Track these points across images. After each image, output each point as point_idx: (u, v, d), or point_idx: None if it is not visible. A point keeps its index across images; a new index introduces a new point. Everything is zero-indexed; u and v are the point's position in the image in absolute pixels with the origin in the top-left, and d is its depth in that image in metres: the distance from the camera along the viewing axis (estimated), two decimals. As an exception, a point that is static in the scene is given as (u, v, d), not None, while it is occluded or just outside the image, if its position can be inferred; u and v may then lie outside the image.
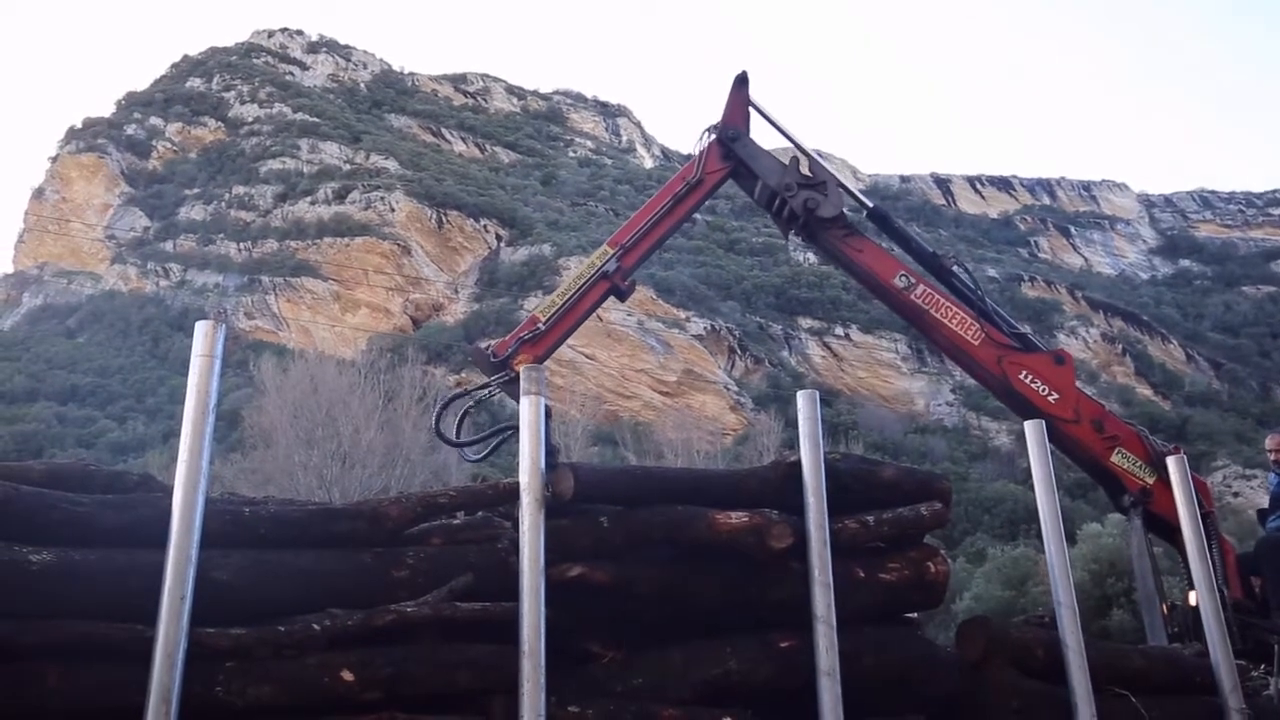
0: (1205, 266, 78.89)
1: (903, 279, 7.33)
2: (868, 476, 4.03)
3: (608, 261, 6.91)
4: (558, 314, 6.72)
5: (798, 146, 7.57)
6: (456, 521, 3.56)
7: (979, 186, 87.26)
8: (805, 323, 54.78)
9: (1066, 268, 74.53)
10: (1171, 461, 4.37)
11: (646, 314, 48.99)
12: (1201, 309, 69.50)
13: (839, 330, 54.34)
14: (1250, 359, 61.15)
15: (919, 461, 39.40)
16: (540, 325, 6.62)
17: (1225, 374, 58.96)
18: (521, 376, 3.54)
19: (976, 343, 7.19)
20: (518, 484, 3.33)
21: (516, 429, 5.79)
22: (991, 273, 65.68)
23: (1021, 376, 7.14)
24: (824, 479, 3.65)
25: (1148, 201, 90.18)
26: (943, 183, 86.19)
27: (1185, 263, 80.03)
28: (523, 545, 3.18)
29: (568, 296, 6.78)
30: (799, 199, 7.35)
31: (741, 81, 7.59)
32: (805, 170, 7.51)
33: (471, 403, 6.77)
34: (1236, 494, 36.67)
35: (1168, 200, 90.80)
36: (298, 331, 53.29)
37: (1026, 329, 7.73)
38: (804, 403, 3.78)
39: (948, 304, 7.26)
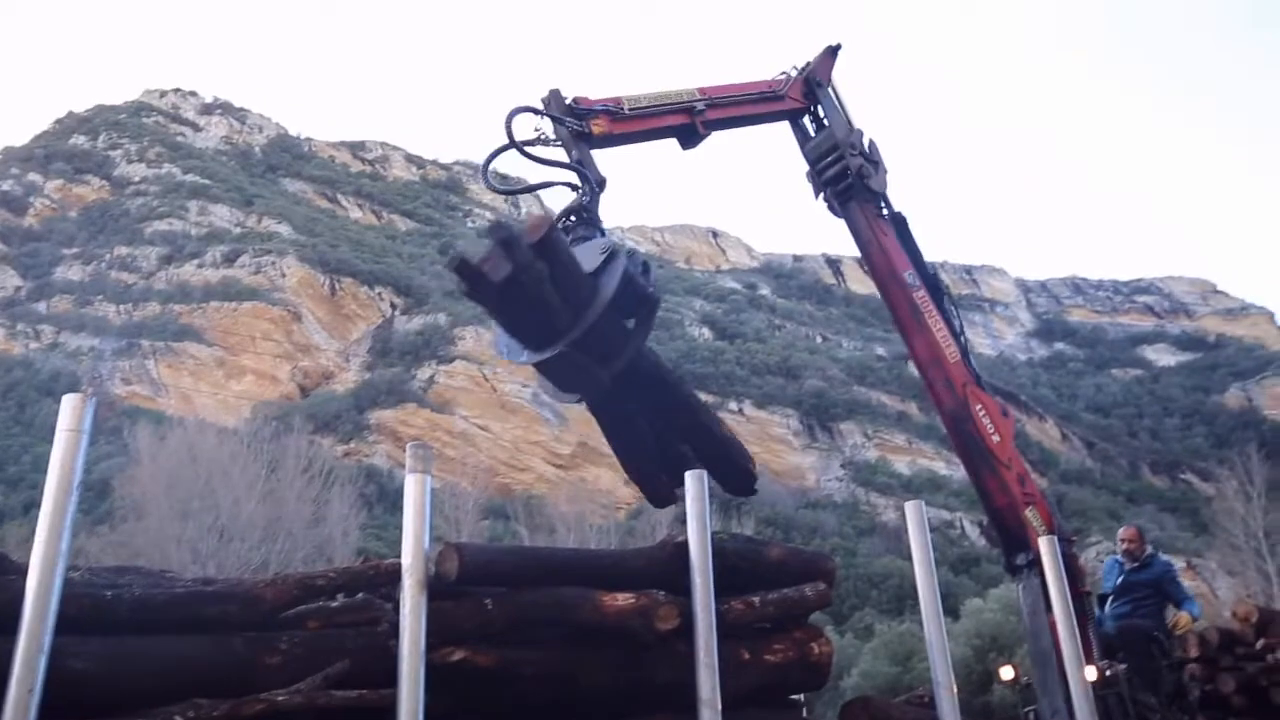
0: (1078, 349, 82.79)
1: (911, 276, 7.70)
2: (754, 556, 4.07)
3: (696, 101, 6.75)
4: (641, 111, 6.42)
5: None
6: (335, 604, 3.44)
7: (865, 269, 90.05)
8: (701, 397, 55.35)
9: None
10: (1042, 542, 4.52)
11: (541, 385, 48.87)
12: (1075, 390, 72.72)
13: (733, 405, 55.03)
14: (1120, 439, 64.10)
15: (809, 536, 39.92)
16: (625, 109, 6.31)
17: (1097, 453, 61.63)
18: (408, 454, 3.47)
19: (953, 360, 7.55)
20: (399, 564, 3.26)
21: (558, 183, 5.73)
22: (880, 351, 67.67)
23: (977, 408, 7.49)
24: (711, 559, 3.67)
25: (1025, 286, 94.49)
26: (834, 263, 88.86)
27: (1060, 345, 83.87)
28: (403, 629, 3.09)
29: (654, 104, 6.53)
30: (856, 161, 7.70)
31: (833, 51, 7.98)
32: (866, 146, 7.88)
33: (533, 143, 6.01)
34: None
35: (1043, 285, 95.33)
36: (178, 398, 51.35)
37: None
38: (692, 483, 3.80)
39: (938, 316, 7.65)
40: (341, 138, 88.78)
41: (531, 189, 6.39)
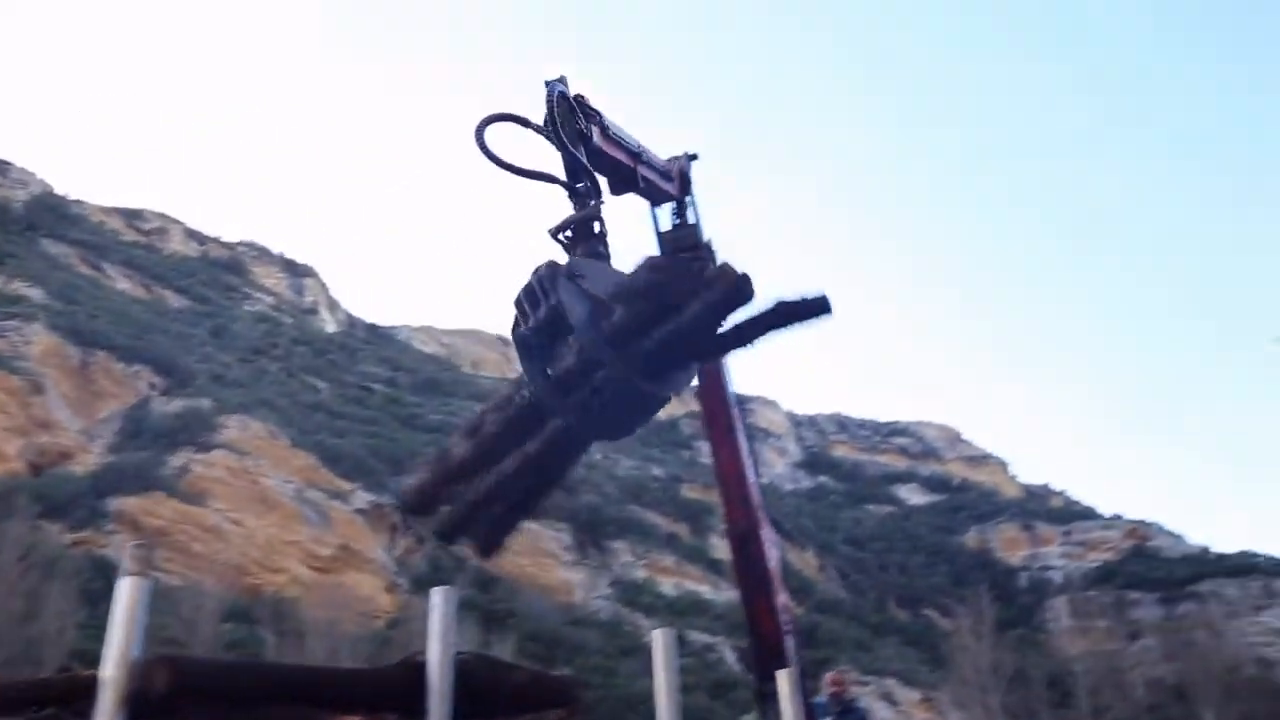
0: (840, 483, 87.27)
1: (733, 388, 7.74)
2: (498, 679, 3.94)
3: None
4: (613, 135, 5.65)
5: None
6: (17, 722, 3.05)
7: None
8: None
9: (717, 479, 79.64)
10: (779, 675, 4.63)
11: (307, 482, 46.54)
12: (834, 522, 76.29)
13: (506, 516, 54.23)
14: (872, 571, 67.47)
15: (573, 654, 39.38)
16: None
17: (850, 584, 64.55)
18: (126, 555, 3.19)
19: (751, 480, 7.67)
20: (98, 677, 2.94)
21: (560, 181, 4.89)
22: (657, 472, 68.91)
23: (764, 531, 7.63)
24: (451, 681, 3.52)
25: (795, 420, 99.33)
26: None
27: (823, 478, 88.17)
28: (93, 752, 2.78)
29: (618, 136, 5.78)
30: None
31: (691, 158, 7.76)
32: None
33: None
34: (854, 698, 39.41)
35: (812, 420, 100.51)
36: (-118, 467, 45.42)
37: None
38: (438, 599, 3.67)
39: (743, 435, 7.73)
40: (117, 203, 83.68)
41: (538, 176, 5.30)
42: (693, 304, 4.08)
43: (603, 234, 4.92)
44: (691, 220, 7.69)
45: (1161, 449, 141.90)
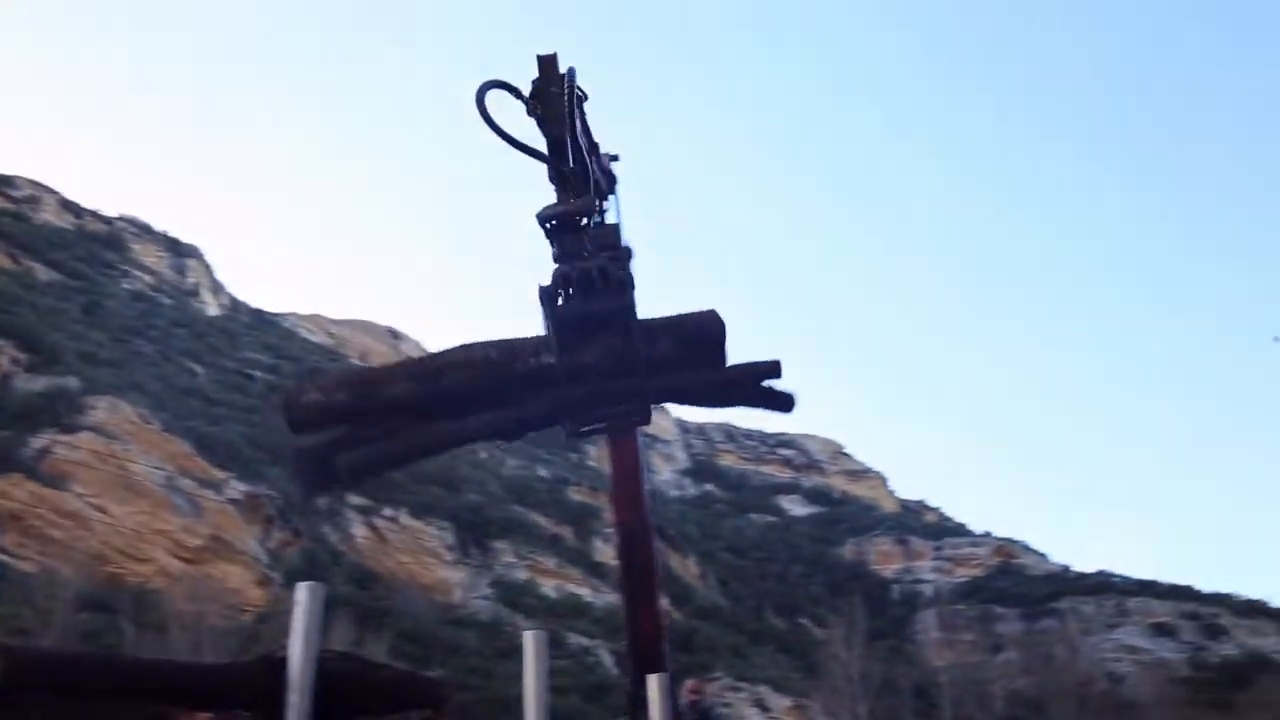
0: (725, 492, 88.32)
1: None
2: (363, 678, 3.83)
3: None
4: None
5: None
6: None
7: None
8: (354, 500, 53.09)
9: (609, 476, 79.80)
10: (650, 679, 4.62)
11: (179, 469, 44.79)
12: (718, 530, 77.13)
13: (388, 511, 53.23)
14: (751, 580, 68.48)
15: (450, 654, 38.85)
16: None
17: (729, 592, 65.40)
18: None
19: (645, 482, 7.65)
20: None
21: (550, 161, 4.60)
22: (543, 473, 68.64)
23: (653, 531, 7.59)
24: (312, 679, 3.39)
25: (684, 427, 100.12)
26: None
27: (709, 486, 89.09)
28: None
29: None
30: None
31: None
32: None
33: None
34: (728, 704, 39.92)
35: (700, 429, 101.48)
36: None
37: None
38: (304, 595, 3.54)
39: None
40: (-14, 168, 79.02)
41: (531, 152, 4.92)
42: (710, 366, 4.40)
43: (588, 228, 4.78)
44: (612, 220, 7.66)
45: (1032, 470, 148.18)
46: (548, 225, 4.76)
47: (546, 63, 4.80)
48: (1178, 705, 43.00)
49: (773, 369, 4.43)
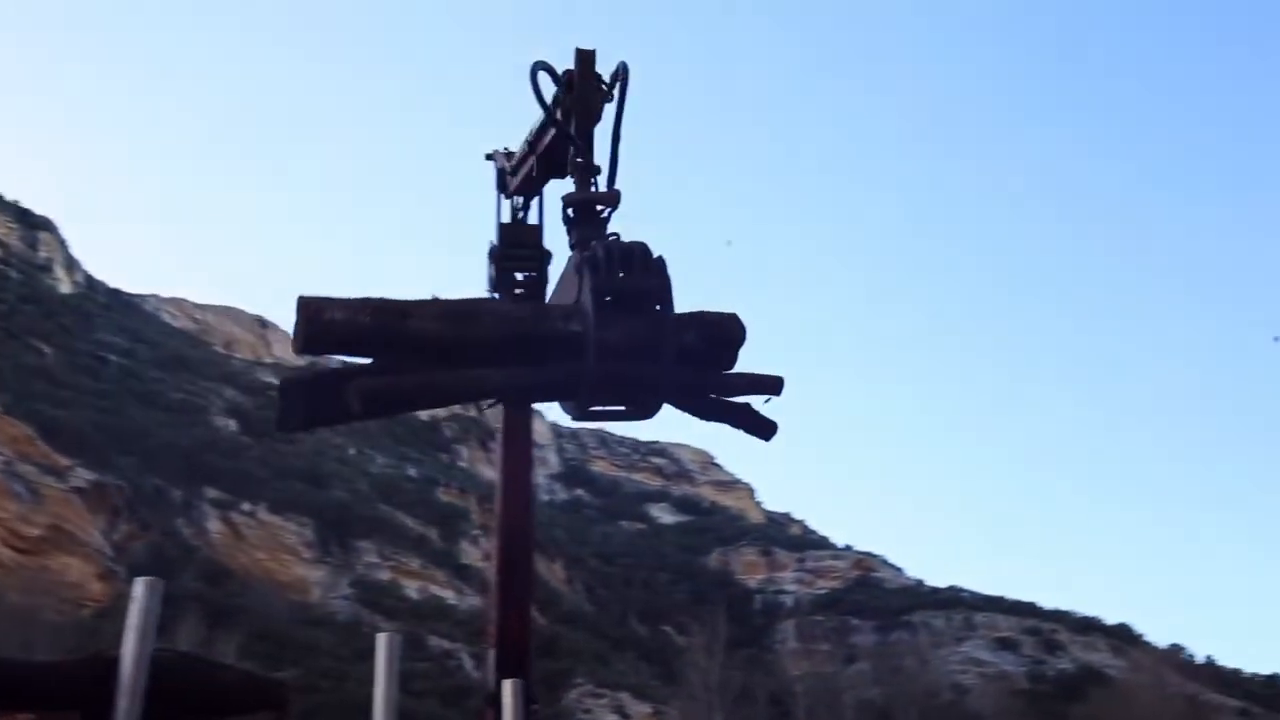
0: (595, 498, 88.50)
1: None
2: (202, 678, 3.68)
3: None
4: None
5: None
6: None
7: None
8: (211, 493, 51.08)
9: (481, 479, 79.04)
10: (505, 685, 4.58)
11: (19, 454, 42.29)
12: (587, 536, 77.21)
13: (246, 506, 51.43)
14: (617, 587, 68.76)
15: (303, 655, 37.72)
16: None
17: (596, 598, 65.52)
18: None
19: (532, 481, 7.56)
20: None
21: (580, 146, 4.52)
22: (411, 472, 67.48)
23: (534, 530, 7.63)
24: (145, 679, 3.24)
25: (558, 431, 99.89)
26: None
27: (580, 492, 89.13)
28: None
29: None
30: None
31: None
32: None
33: None
34: (588, 710, 40.00)
35: (574, 433, 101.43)
36: None
37: None
38: (141, 590, 3.38)
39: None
40: None
41: (568, 136, 4.91)
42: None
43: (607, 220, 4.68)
44: (533, 221, 7.58)
45: (894, 485, 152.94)
46: (569, 212, 4.73)
47: (584, 57, 4.83)
48: (1016, 716, 45.12)
49: (776, 385, 4.42)
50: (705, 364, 4.45)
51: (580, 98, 4.74)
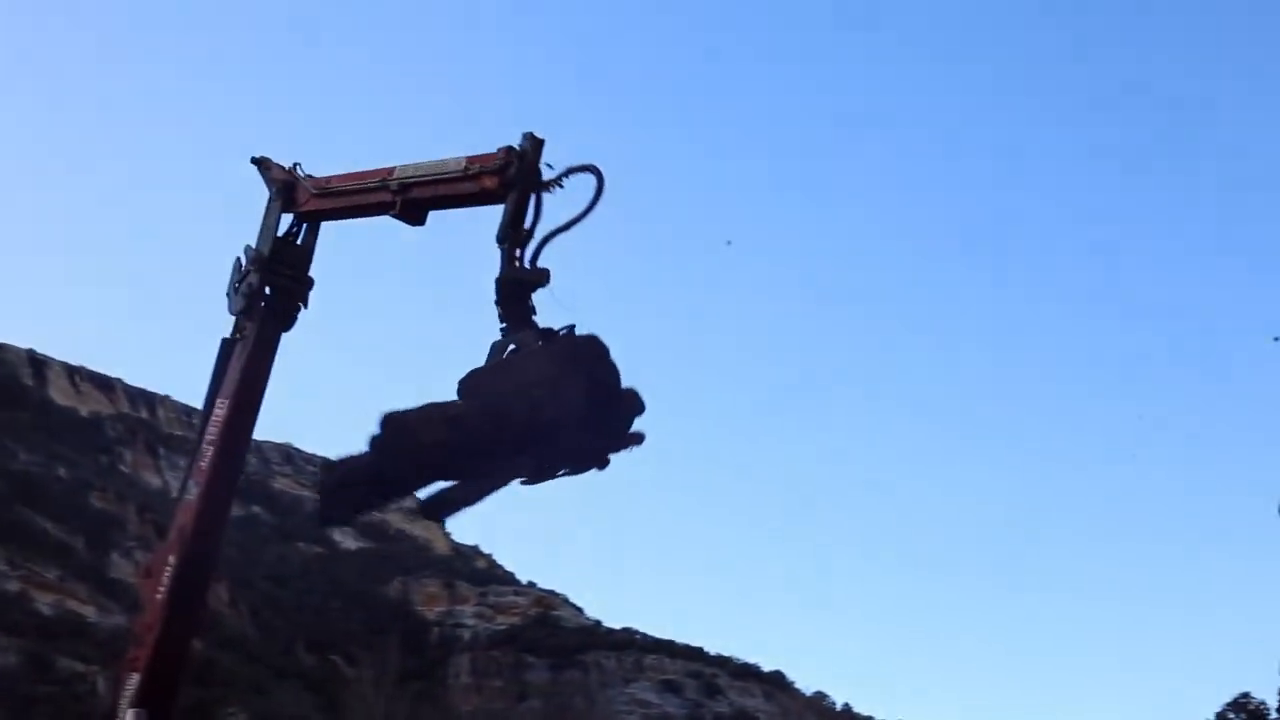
0: (273, 516, 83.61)
1: None
2: None
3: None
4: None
5: None
6: None
7: (78, 379, 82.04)
8: None
9: (144, 486, 72.47)
10: (130, 713, 4.06)
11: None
12: (259, 556, 72.69)
13: None
14: (287, 612, 65.10)
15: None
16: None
17: (261, 622, 61.61)
18: None
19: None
20: None
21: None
22: (61, 472, 60.93)
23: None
24: None
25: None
26: (39, 363, 79.15)
27: (256, 509, 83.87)
28: None
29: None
30: None
31: None
32: None
33: None
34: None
35: (258, 447, 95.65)
36: None
37: None
38: None
39: None
40: None
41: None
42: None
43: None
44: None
45: (583, 522, 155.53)
46: (502, 291, 5.30)
47: (536, 143, 5.59)
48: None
49: (639, 440, 5.26)
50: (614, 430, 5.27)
51: (527, 180, 5.38)
